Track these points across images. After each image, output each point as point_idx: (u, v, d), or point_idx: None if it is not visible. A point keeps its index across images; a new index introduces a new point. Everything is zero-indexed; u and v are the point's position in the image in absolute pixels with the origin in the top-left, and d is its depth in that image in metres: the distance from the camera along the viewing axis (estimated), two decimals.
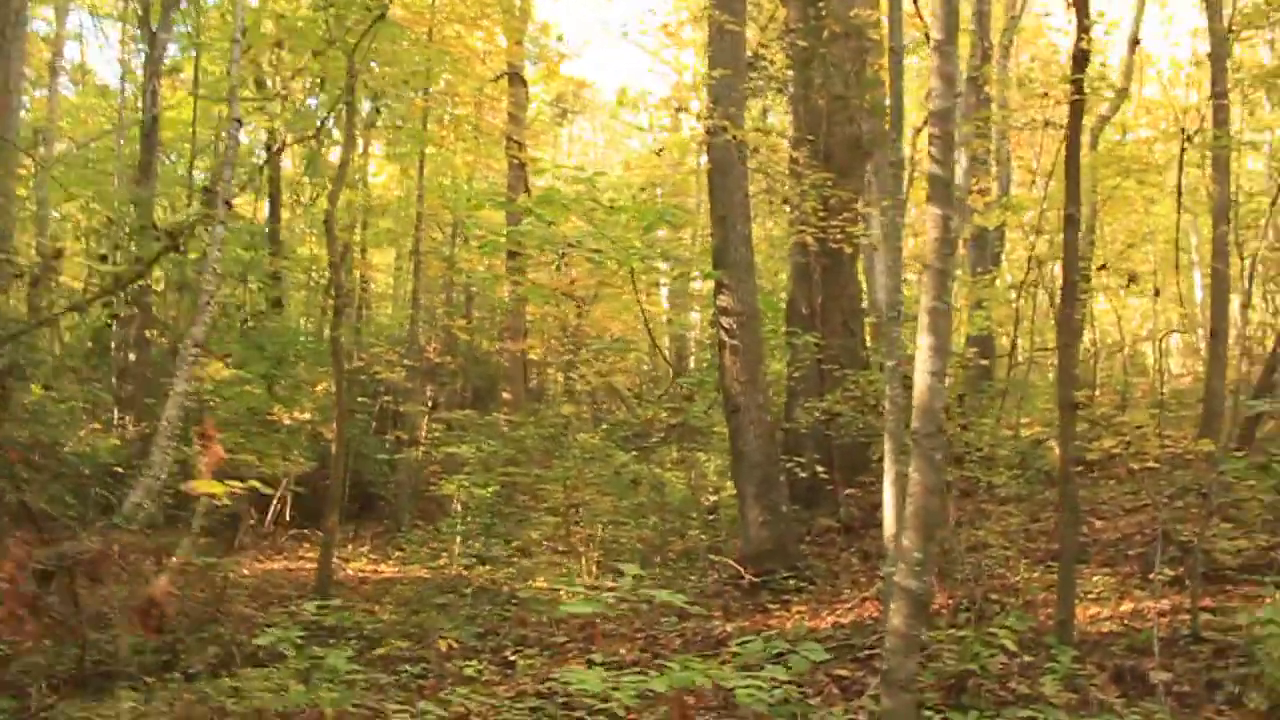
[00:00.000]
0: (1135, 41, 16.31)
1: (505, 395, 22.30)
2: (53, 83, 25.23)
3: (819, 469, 11.72)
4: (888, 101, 8.25)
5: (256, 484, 6.08)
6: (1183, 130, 10.88)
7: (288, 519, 17.88)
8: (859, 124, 12.47)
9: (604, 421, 18.25)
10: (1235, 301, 13.11)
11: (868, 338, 13.28)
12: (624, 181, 19.69)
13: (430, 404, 20.79)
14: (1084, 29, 7.43)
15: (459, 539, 13.90)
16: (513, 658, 8.68)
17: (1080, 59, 7.35)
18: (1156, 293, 12.13)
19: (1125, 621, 7.64)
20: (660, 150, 15.95)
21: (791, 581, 10.15)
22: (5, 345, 7.61)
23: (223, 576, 12.74)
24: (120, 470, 13.85)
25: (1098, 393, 15.38)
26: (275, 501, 17.39)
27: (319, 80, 9.89)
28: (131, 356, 17.39)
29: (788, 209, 13.25)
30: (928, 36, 5.98)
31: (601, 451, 15.18)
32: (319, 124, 8.77)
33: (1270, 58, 18.62)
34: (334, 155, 20.17)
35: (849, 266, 13.03)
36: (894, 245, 7.89)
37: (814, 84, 12.71)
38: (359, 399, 20.15)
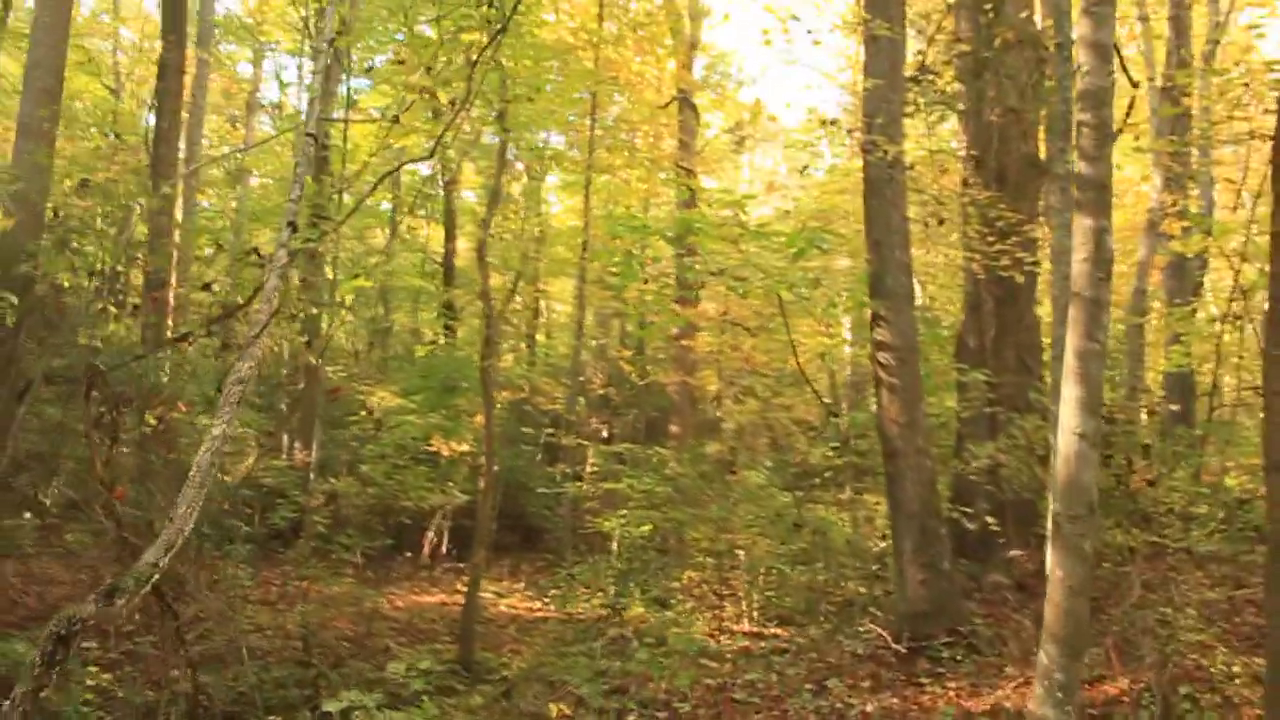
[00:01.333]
0: None
1: (673, 428, 21.69)
2: (249, 120, 26.42)
3: (990, 519, 10.57)
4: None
5: None
6: None
7: (445, 551, 17.74)
8: (1035, 140, 11.31)
9: (765, 459, 17.42)
10: None
11: (1048, 375, 12.02)
12: (794, 207, 18.86)
13: (603, 435, 20.45)
14: None
15: (611, 580, 13.36)
16: None
17: None
18: None
19: None
20: (804, 169, 15.03)
21: (948, 653, 9.07)
22: (115, 371, 7.54)
23: (370, 609, 12.67)
24: (286, 496, 13.99)
25: None
26: (432, 533, 17.28)
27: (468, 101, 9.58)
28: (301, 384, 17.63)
29: (954, 232, 12.17)
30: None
31: (762, 492, 14.38)
32: (433, 146, 8.30)
33: None
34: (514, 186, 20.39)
35: (1025, 296, 11.82)
36: (1062, 272, 6.86)
37: (986, 97, 11.62)
38: (523, 429, 19.98)
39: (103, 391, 6.83)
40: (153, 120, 15.65)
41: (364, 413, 16.80)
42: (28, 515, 10.60)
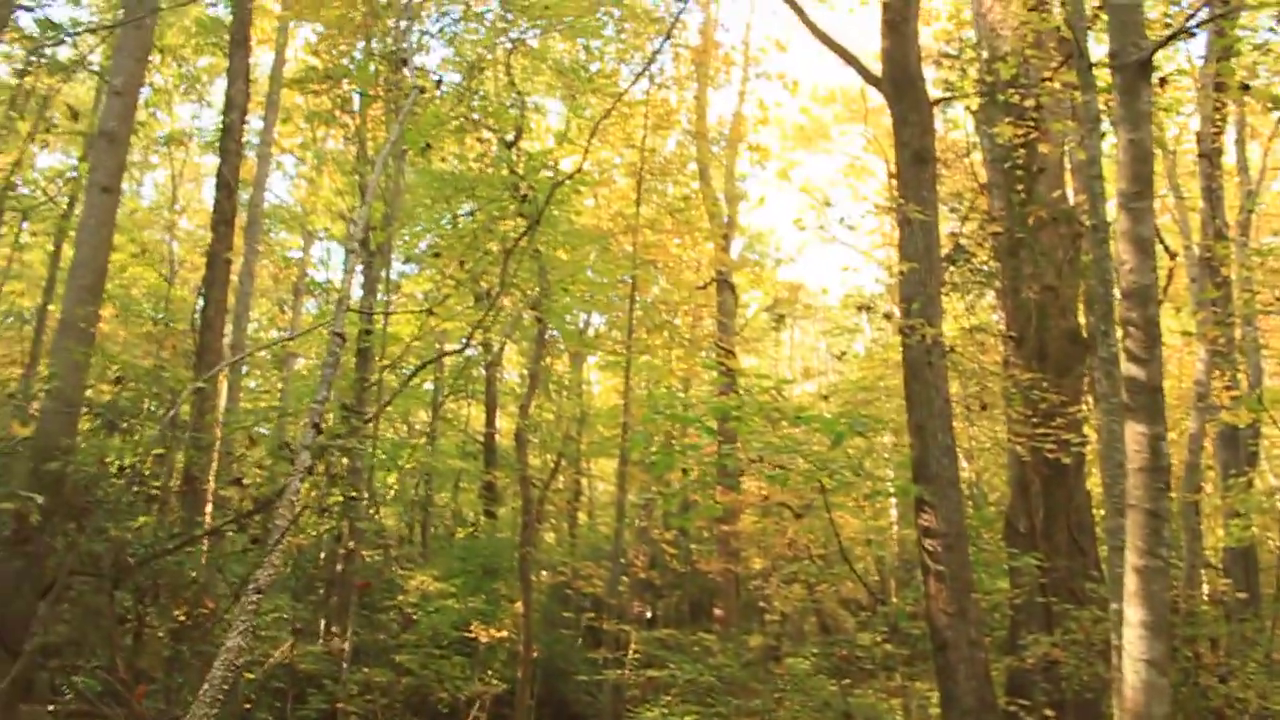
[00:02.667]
0: None
1: (717, 611, 21.11)
2: (296, 303, 27.01)
3: (1049, 714, 9.97)
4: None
5: None
6: None
7: None
8: (1074, 315, 11.18)
9: (812, 644, 16.82)
10: None
11: (1102, 552, 11.56)
12: (834, 388, 18.74)
13: (646, 618, 19.93)
14: None
15: None
16: None
17: None
18: None
19: None
20: (842, 354, 14.94)
21: None
22: (145, 565, 7.43)
23: None
24: (319, 685, 13.62)
25: None
26: None
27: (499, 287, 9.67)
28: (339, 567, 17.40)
29: (997, 411, 11.93)
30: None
31: (809, 681, 13.82)
32: (464, 342, 8.30)
33: None
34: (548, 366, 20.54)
35: (1075, 475, 11.47)
36: (1114, 461, 6.60)
37: (1023, 275, 11.56)
38: (564, 613, 19.52)
39: (131, 585, 6.68)
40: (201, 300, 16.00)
41: (401, 598, 16.52)
42: (50, 709, 10.33)
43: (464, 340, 8.27)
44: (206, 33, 18.45)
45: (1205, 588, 12.29)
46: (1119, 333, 4.81)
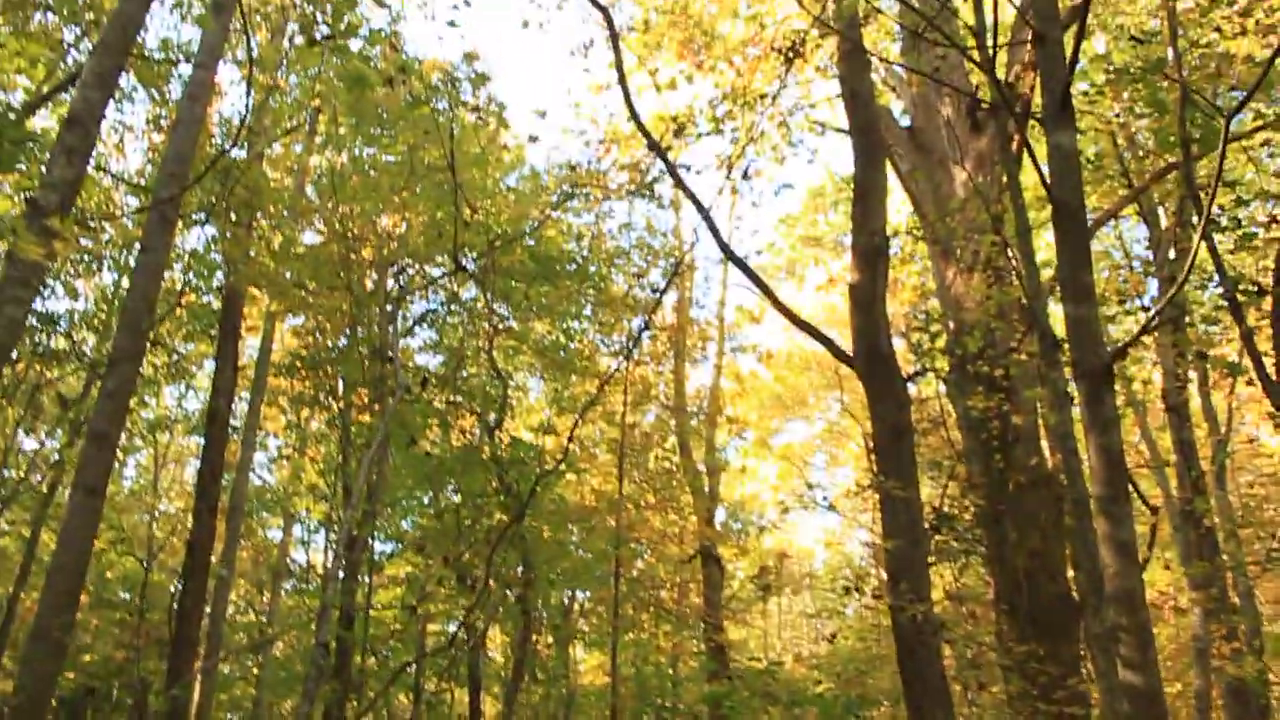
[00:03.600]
0: None
1: None
2: (276, 584, 26.54)
3: None
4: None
5: None
6: None
7: None
8: (1064, 578, 11.11)
9: None
10: None
11: None
12: (825, 665, 18.33)
13: None
14: None
15: None
16: None
17: None
18: None
19: None
20: (833, 636, 14.69)
21: None
22: None
23: None
24: None
25: None
26: None
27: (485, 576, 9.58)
28: None
29: (996, 689, 11.65)
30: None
31: None
32: (450, 642, 8.17)
33: None
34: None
35: None
36: None
37: (1008, 542, 11.54)
38: None
39: None
40: (179, 589, 15.76)
41: None
42: None
43: (449, 641, 8.11)
44: (198, 321, 18.94)
45: None
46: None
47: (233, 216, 15.67)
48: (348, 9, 11.81)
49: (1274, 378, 9.14)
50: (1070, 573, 11.49)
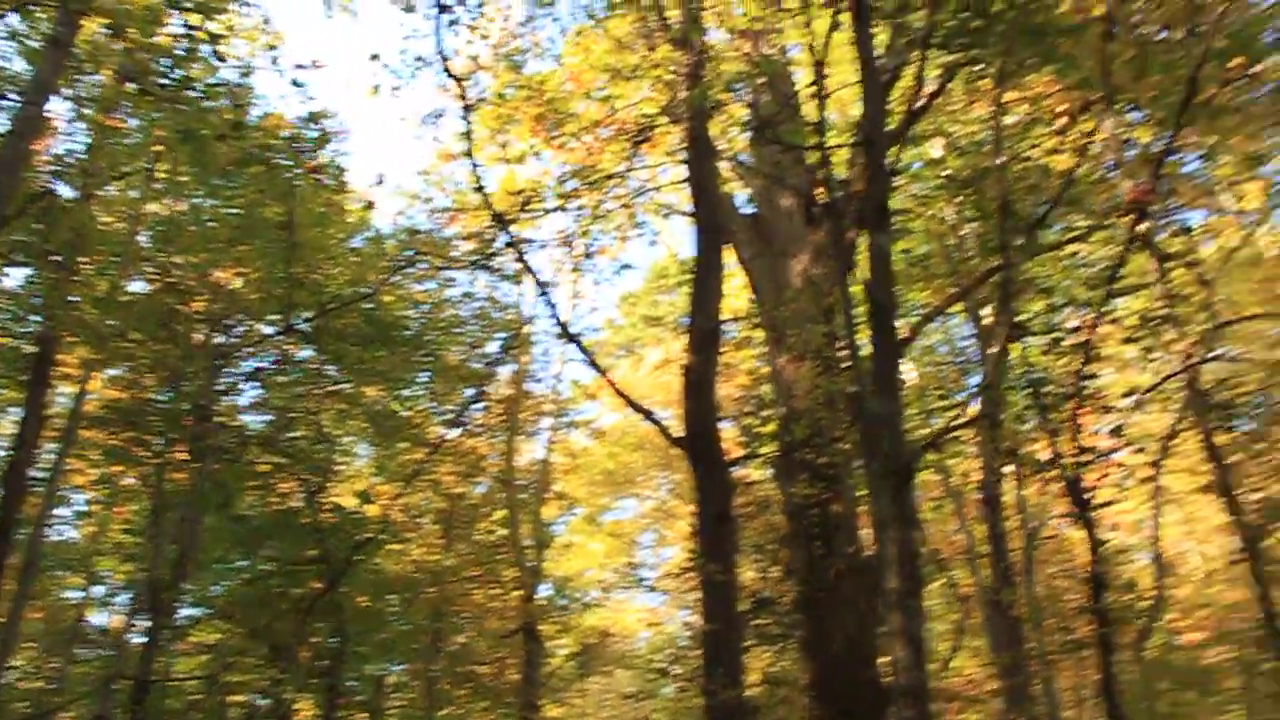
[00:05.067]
0: (1158, 557, 15.66)
1: None
2: (68, 649, 24.90)
3: None
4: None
5: None
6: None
7: None
8: (876, 667, 11.33)
9: None
10: None
11: None
12: None
13: None
14: (1096, 551, 6.70)
15: None
16: None
17: (1098, 583, 6.54)
18: None
19: None
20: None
21: None
22: None
23: None
24: None
25: None
26: None
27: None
28: None
29: None
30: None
31: None
32: (257, 708, 7.82)
33: None
34: None
35: None
36: None
37: (824, 628, 11.74)
38: None
39: None
40: None
41: None
42: None
43: (249, 714, 7.75)
44: (6, 365, 17.86)
45: None
46: None
47: (55, 258, 14.95)
48: (183, 66, 11.55)
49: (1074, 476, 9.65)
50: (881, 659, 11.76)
